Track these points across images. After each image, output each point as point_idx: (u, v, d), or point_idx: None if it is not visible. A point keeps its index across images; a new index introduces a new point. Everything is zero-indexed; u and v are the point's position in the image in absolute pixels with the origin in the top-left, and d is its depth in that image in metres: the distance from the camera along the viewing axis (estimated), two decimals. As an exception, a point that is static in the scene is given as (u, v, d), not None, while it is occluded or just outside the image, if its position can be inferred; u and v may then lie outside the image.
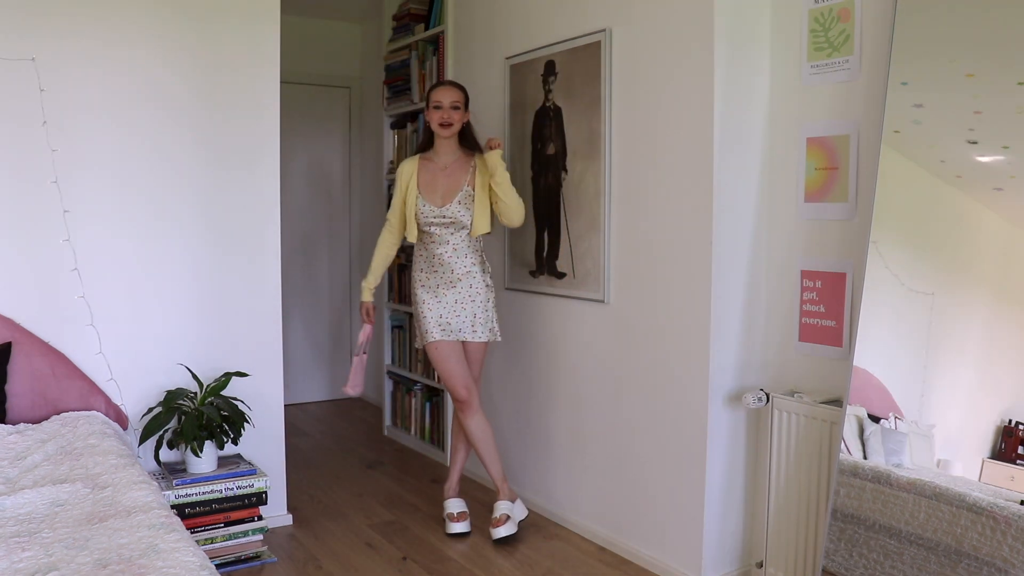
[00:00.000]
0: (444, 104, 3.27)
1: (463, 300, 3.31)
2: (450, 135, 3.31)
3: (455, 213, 3.28)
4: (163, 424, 3.04)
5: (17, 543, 1.90)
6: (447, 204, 3.28)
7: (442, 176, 3.33)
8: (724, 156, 2.82)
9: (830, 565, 2.56)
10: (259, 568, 3.12)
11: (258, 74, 3.39)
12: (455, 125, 3.29)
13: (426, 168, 3.36)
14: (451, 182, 3.32)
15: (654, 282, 3.05)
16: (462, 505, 3.48)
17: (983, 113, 2.32)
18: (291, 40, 5.10)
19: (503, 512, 3.35)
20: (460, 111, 3.30)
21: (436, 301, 3.32)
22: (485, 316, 3.35)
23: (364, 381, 3.59)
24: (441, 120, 3.27)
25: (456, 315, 3.31)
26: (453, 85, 3.35)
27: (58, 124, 3.02)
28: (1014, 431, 2.26)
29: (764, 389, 2.89)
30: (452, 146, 3.35)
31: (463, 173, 3.33)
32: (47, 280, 3.04)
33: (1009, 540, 2.16)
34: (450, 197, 3.29)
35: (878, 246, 2.51)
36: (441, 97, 3.28)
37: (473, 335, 3.34)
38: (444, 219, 3.28)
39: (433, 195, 3.31)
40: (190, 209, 3.29)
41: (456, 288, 3.30)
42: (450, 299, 3.31)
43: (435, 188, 3.32)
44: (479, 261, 3.36)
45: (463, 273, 3.30)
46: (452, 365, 3.32)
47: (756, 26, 2.88)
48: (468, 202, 3.29)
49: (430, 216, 3.29)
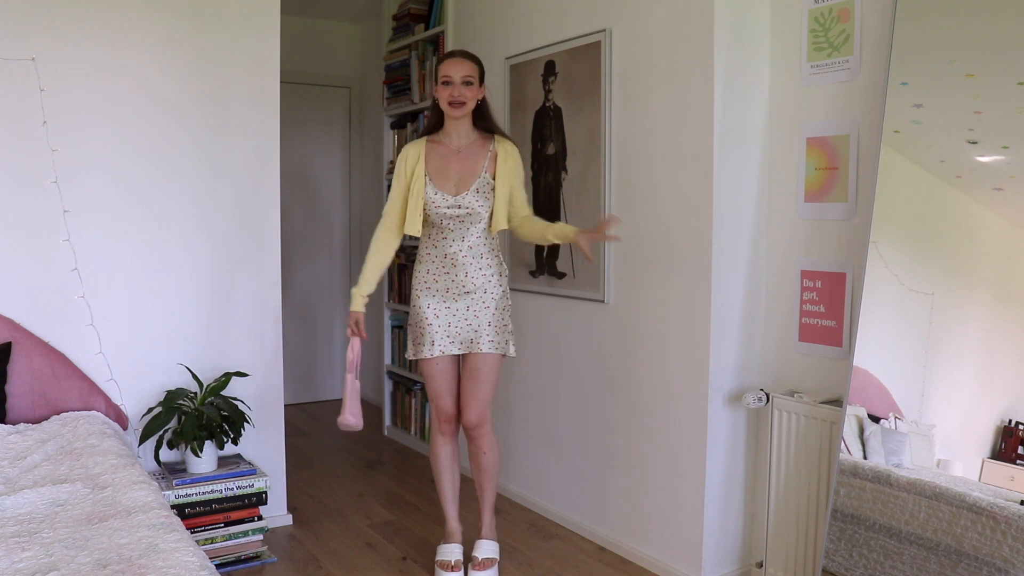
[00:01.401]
0: (454, 79, 2.79)
1: (477, 307, 2.89)
2: (462, 115, 2.84)
3: (472, 203, 2.83)
4: (163, 424, 3.04)
5: (17, 543, 1.90)
6: (462, 192, 2.84)
7: (455, 161, 2.88)
8: (724, 156, 2.82)
9: (830, 565, 2.56)
10: (259, 568, 3.12)
11: (258, 74, 3.39)
12: (468, 103, 2.82)
13: (436, 152, 2.90)
14: (466, 167, 2.87)
15: (654, 282, 3.05)
16: (461, 552, 3.05)
17: (983, 113, 2.32)
18: (291, 40, 5.10)
19: (488, 556, 3.01)
20: (474, 87, 2.83)
21: (445, 307, 2.89)
22: (501, 326, 2.92)
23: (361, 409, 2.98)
24: (451, 97, 2.80)
25: (468, 323, 2.89)
26: (465, 56, 2.86)
27: (58, 124, 3.02)
28: (1014, 431, 2.26)
29: (764, 389, 2.89)
30: (466, 127, 2.89)
31: (480, 158, 2.88)
32: (47, 280, 3.04)
33: (1009, 540, 2.16)
34: (466, 185, 2.84)
35: (878, 246, 2.51)
36: (451, 71, 2.80)
37: (488, 346, 2.89)
38: (459, 210, 2.84)
39: (446, 182, 2.86)
40: (190, 209, 3.29)
41: (471, 295, 2.88)
42: (461, 306, 2.89)
43: (447, 174, 2.87)
44: (497, 263, 2.94)
45: (480, 277, 2.88)
46: (442, 383, 2.95)
47: (756, 26, 2.88)
48: (487, 191, 2.85)
49: (443, 206, 2.83)
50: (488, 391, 2.94)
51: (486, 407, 2.95)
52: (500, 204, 2.88)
